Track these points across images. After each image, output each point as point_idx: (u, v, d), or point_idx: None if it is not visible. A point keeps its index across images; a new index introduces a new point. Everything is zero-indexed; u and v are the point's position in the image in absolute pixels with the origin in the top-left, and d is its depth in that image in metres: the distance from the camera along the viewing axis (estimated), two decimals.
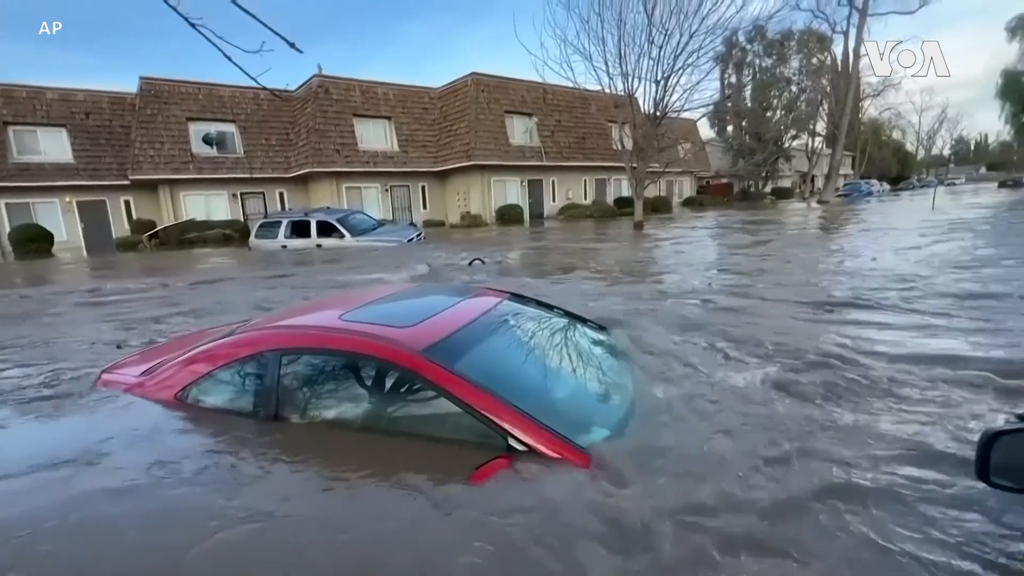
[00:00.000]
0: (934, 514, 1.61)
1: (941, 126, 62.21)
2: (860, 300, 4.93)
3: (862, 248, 9.45)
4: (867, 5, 29.37)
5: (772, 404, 2.45)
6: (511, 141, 23.82)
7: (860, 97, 40.19)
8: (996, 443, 1.22)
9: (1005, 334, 3.60)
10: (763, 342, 3.45)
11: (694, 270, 8.02)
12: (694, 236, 14.46)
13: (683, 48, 15.26)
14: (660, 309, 4.97)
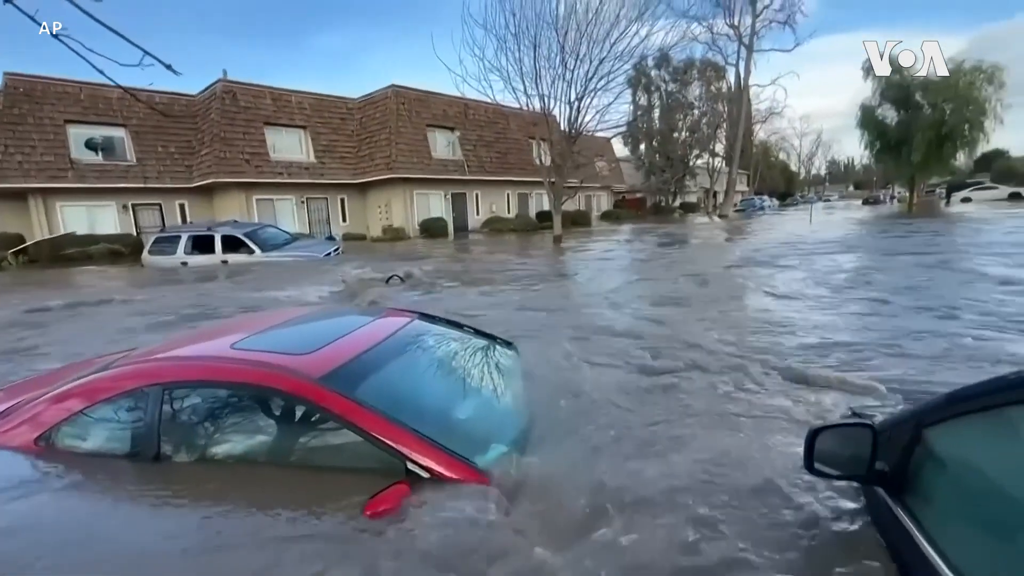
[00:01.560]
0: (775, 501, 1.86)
1: (817, 149, 70.93)
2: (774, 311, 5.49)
3: (760, 259, 10.50)
4: (752, 42, 32.92)
5: (660, 407, 2.68)
6: (433, 154, 23.77)
7: (752, 122, 44.79)
8: (818, 438, 1.44)
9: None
10: (664, 350, 3.75)
11: (606, 281, 8.48)
12: (609, 248, 15.26)
13: (595, 72, 16.18)
14: (567, 322, 5.22)
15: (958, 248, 10.85)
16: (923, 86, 28.49)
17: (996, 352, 3.76)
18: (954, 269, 7.84)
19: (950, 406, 1.27)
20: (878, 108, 30.27)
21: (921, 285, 6.69)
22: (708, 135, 39.64)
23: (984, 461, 1.18)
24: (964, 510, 1.17)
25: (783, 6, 32.51)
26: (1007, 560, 0.99)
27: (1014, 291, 5.86)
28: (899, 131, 29.24)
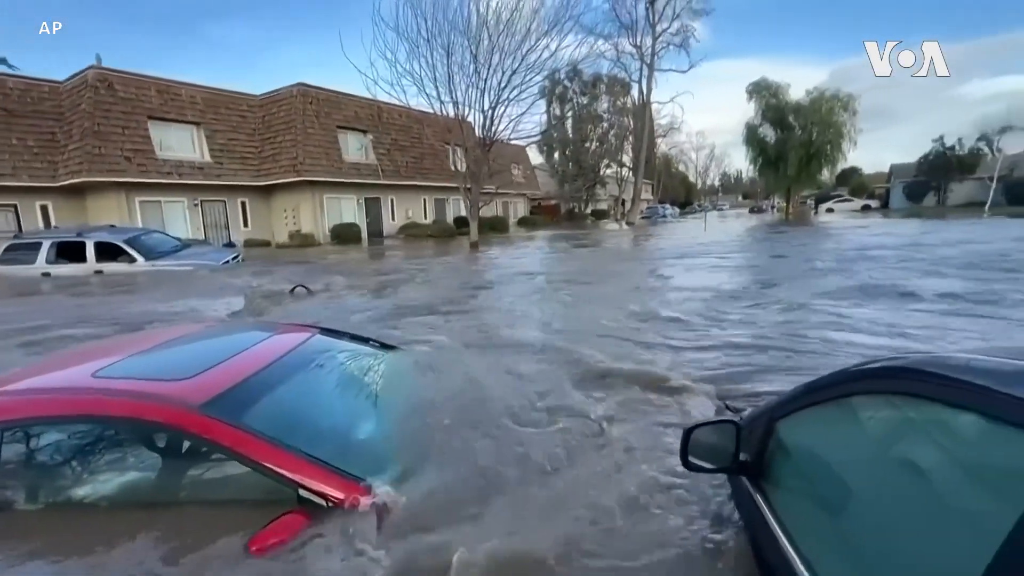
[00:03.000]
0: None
1: (712, 162, 78.02)
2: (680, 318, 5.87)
3: (667, 267, 11.26)
4: (653, 61, 35.50)
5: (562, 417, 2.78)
6: (345, 157, 22.84)
7: (654, 135, 48.15)
8: (692, 435, 1.57)
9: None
10: (569, 356, 3.89)
11: (519, 286, 8.66)
12: (525, 254, 15.60)
13: (507, 82, 16.51)
14: (478, 328, 5.26)
15: (823, 250, 12.46)
16: (795, 109, 32.45)
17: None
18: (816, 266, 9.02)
19: (796, 400, 1.45)
20: (760, 127, 33.98)
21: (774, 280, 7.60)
22: (616, 146, 42.05)
23: (818, 446, 1.36)
24: (802, 490, 1.35)
25: (679, 31, 35.45)
26: (835, 532, 1.15)
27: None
28: (777, 148, 33.00)
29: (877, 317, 5.47)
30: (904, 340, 4.62)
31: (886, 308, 5.89)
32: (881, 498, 1.03)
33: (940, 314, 5.55)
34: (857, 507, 1.09)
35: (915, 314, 5.60)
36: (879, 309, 5.85)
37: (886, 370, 1.12)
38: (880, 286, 7.13)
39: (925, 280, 7.52)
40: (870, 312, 5.72)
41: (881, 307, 5.94)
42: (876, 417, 1.15)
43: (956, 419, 0.89)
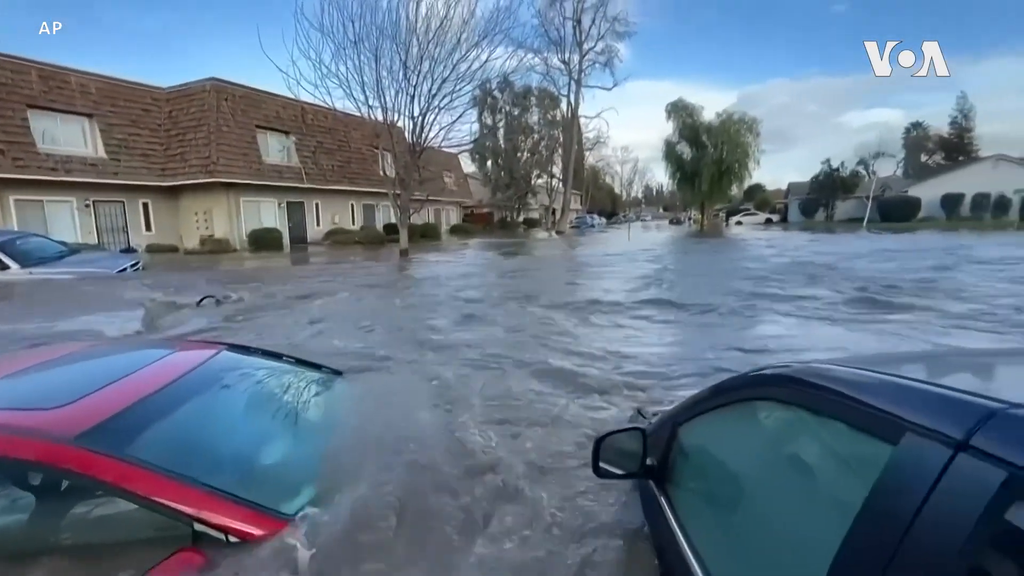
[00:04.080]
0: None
1: (635, 176, 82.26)
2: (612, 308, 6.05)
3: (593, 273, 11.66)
4: (580, 78, 36.96)
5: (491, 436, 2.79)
6: (265, 159, 21.57)
7: (583, 148, 50.00)
8: (603, 443, 1.63)
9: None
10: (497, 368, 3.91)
11: (447, 296, 8.59)
12: (456, 262, 15.53)
13: (438, 89, 16.44)
14: (402, 341, 5.16)
15: (734, 258, 13.54)
16: (708, 130, 35.09)
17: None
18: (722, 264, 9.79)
19: (695, 405, 1.56)
20: (677, 145, 36.35)
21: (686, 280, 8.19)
22: (546, 157, 43.20)
23: (710, 450, 1.47)
24: (697, 491, 1.45)
25: (603, 50, 37.21)
26: (723, 530, 1.24)
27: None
28: (693, 165, 35.44)
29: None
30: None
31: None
32: (758, 498, 1.14)
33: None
34: (740, 506, 1.20)
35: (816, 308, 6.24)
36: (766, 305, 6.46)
37: (766, 377, 1.24)
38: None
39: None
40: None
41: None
42: (757, 421, 1.26)
43: (820, 424, 1.00)
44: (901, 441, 0.74)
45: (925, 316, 6.16)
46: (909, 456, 0.73)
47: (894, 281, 8.84)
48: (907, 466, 0.72)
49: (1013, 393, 0.73)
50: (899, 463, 0.74)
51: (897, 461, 0.74)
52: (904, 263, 11.90)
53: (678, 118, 35.91)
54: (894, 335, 5.36)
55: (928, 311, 6.42)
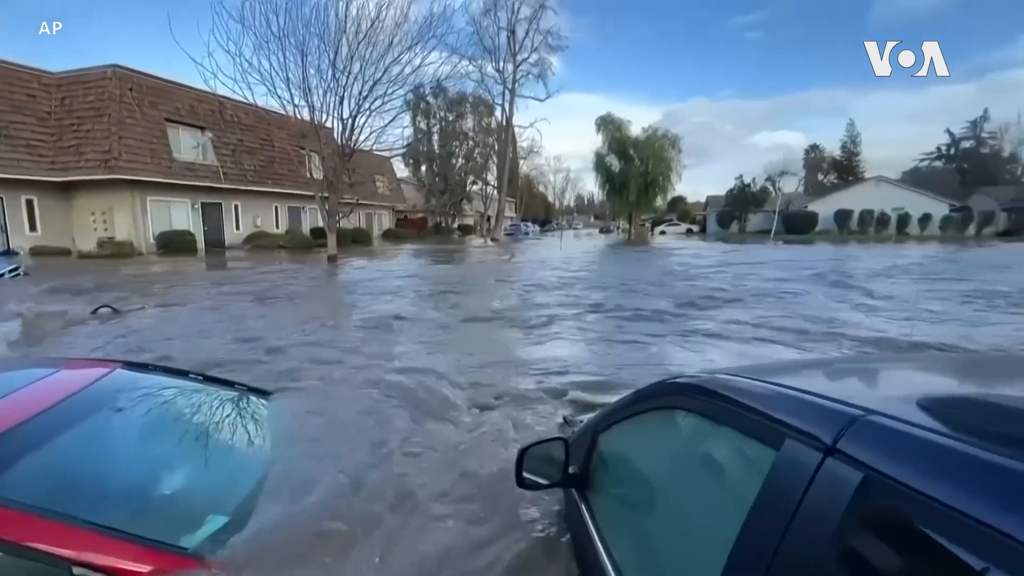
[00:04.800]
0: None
1: (568, 185, 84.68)
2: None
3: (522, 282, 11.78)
4: (514, 87, 37.58)
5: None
6: (176, 156, 19.90)
7: (517, 156, 50.77)
8: (526, 455, 1.64)
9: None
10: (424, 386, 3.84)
11: (376, 305, 8.36)
12: (387, 268, 15.14)
13: (369, 92, 16.03)
14: (324, 355, 4.94)
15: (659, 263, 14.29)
16: (635, 144, 36.94)
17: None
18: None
19: (613, 413, 1.61)
20: (607, 157, 37.95)
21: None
22: (481, 164, 43.38)
23: (624, 456, 1.53)
24: (613, 497, 1.50)
25: (537, 62, 38.08)
26: (636, 535, 1.30)
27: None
28: (621, 177, 37.11)
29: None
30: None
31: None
32: (666, 503, 1.20)
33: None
34: (650, 511, 1.26)
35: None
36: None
37: (673, 386, 1.31)
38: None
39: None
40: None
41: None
42: (666, 429, 1.33)
43: (719, 431, 1.07)
44: (783, 446, 0.81)
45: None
46: (789, 460, 0.79)
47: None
48: (787, 469, 0.78)
49: (873, 400, 0.81)
50: (781, 467, 0.80)
51: (779, 465, 0.80)
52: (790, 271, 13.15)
53: (607, 131, 37.51)
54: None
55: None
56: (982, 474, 0.58)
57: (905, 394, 0.81)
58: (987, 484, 0.56)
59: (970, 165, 47.60)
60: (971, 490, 0.56)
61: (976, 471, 0.58)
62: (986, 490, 0.55)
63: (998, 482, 0.55)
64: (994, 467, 0.57)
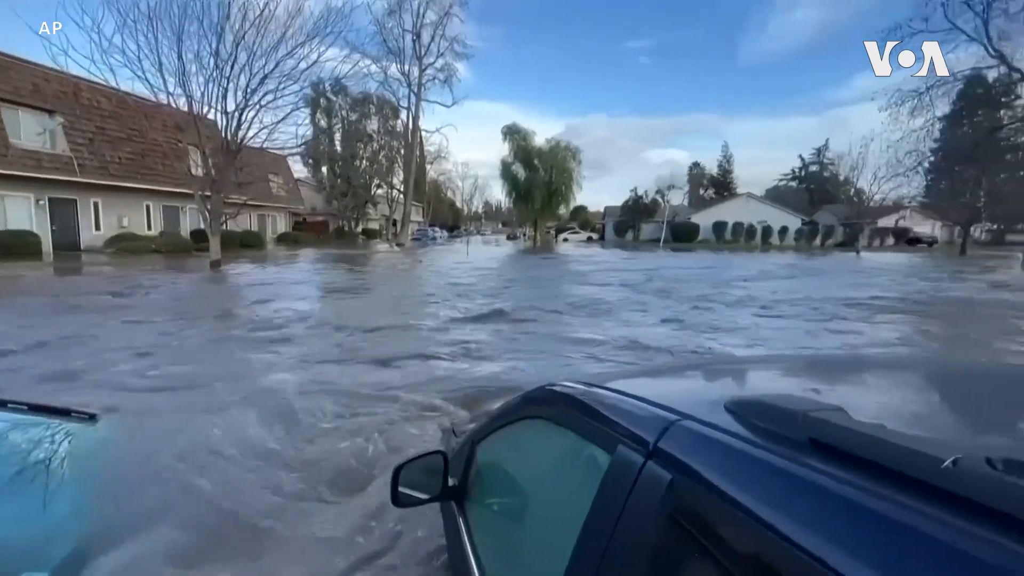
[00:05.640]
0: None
1: (476, 191, 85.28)
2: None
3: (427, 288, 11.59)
4: (420, 91, 37.17)
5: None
6: (14, 142, 16.89)
7: (424, 161, 50.10)
8: (402, 471, 1.61)
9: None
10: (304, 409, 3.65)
11: (260, 315, 7.79)
12: (278, 275, 14.11)
13: (258, 85, 14.90)
14: (191, 373, 4.52)
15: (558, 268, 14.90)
16: (539, 154, 38.18)
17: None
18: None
19: (490, 423, 1.66)
20: (513, 165, 38.78)
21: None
22: (386, 167, 42.18)
23: (497, 466, 1.58)
24: (486, 507, 1.55)
25: (443, 67, 37.99)
26: (505, 543, 1.35)
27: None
28: (526, 185, 38.13)
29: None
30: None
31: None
32: (527, 511, 1.27)
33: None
34: (515, 520, 1.32)
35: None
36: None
37: (534, 396, 1.38)
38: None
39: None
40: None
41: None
42: (530, 437, 1.41)
43: (569, 437, 1.13)
44: (616, 451, 0.86)
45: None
46: (620, 464, 0.84)
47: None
48: (618, 473, 0.83)
49: (690, 404, 0.89)
50: (613, 471, 0.85)
51: (612, 469, 0.86)
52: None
53: (513, 141, 38.38)
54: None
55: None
56: (761, 473, 0.62)
57: (717, 397, 0.86)
58: (763, 482, 0.61)
59: (816, 186, 55.79)
60: (750, 489, 0.61)
61: (755, 470, 0.63)
62: (762, 488, 0.60)
63: (770, 479, 0.60)
64: (769, 466, 0.62)
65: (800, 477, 0.59)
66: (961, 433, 0.86)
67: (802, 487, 0.58)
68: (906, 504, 0.49)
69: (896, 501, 0.50)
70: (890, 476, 0.52)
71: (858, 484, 0.54)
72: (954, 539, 0.45)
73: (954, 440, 0.79)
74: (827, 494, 0.55)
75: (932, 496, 0.48)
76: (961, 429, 0.89)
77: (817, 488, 0.56)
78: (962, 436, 0.84)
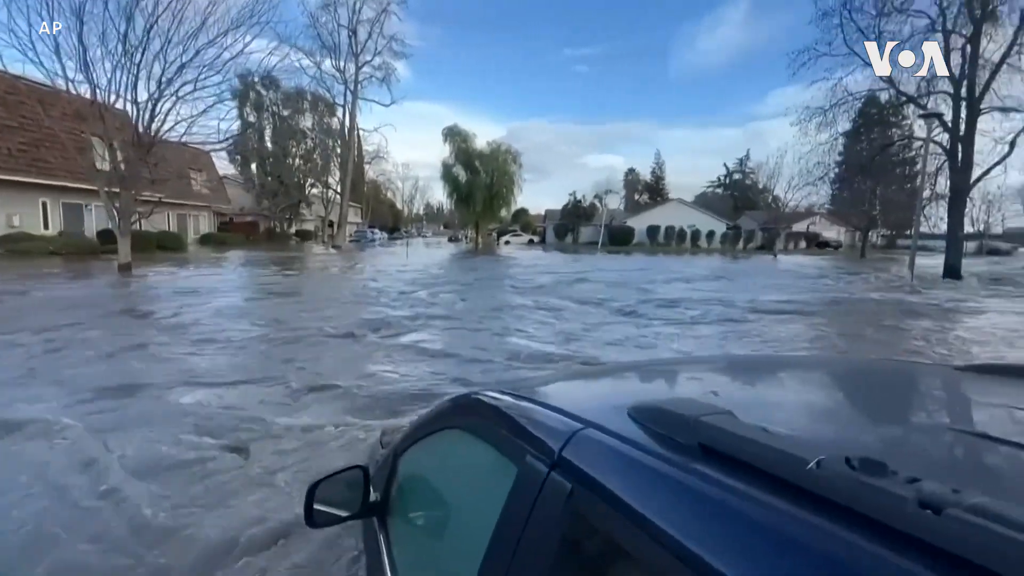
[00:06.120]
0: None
1: (417, 193, 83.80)
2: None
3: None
4: (357, 89, 36.08)
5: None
6: None
7: (362, 160, 48.57)
8: (318, 489, 1.50)
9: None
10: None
11: (174, 322, 7.23)
12: (197, 280, 13.10)
13: (176, 75, 13.81)
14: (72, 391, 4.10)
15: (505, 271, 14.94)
16: (480, 156, 38.17)
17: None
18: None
19: (411, 434, 1.60)
20: (454, 167, 38.50)
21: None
22: (322, 166, 40.48)
23: (418, 478, 1.53)
24: (407, 521, 1.50)
25: (381, 66, 37.08)
26: (422, 557, 1.31)
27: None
28: (468, 187, 37.99)
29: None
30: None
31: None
32: (444, 523, 1.24)
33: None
34: (432, 532, 1.29)
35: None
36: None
37: (451, 406, 1.35)
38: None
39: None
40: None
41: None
42: (448, 447, 1.37)
43: (483, 447, 1.09)
44: (523, 462, 0.85)
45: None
46: (525, 475, 0.83)
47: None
48: (524, 485, 0.82)
49: (596, 411, 0.88)
50: (520, 482, 0.84)
51: (519, 480, 0.84)
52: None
53: (454, 143, 38.13)
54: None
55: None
56: (653, 480, 0.62)
57: (622, 403, 0.85)
58: (655, 489, 0.62)
59: (739, 193, 59.85)
60: (642, 497, 0.61)
61: (648, 477, 0.63)
62: (653, 495, 0.61)
63: (662, 486, 0.61)
64: (660, 473, 0.63)
65: (687, 483, 0.59)
66: (843, 431, 0.88)
67: (689, 493, 0.58)
68: (776, 507, 0.50)
69: (767, 504, 0.51)
70: (765, 479, 0.53)
71: (738, 488, 0.55)
72: (812, 540, 0.46)
73: (835, 438, 0.81)
74: (711, 499, 0.56)
75: (799, 497, 0.49)
76: (845, 426, 0.92)
77: (703, 494, 0.57)
78: (843, 434, 0.86)
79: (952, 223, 19.88)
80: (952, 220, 19.88)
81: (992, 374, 1.16)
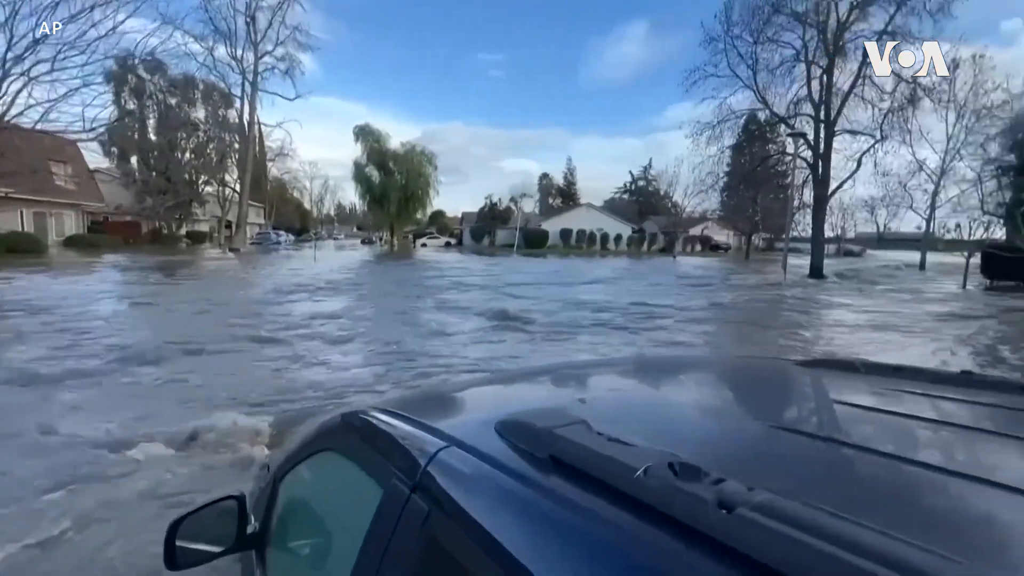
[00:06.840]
0: None
1: (327, 193, 79.55)
2: None
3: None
4: (257, 81, 33.59)
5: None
6: None
7: (265, 157, 45.18)
8: (180, 528, 1.32)
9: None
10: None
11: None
12: (51, 289, 11.36)
13: (27, 52, 11.96)
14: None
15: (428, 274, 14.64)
16: (394, 157, 37.22)
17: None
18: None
19: (291, 456, 1.48)
20: (366, 167, 37.18)
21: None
22: (217, 161, 36.99)
23: (299, 502, 1.43)
24: (287, 550, 1.39)
25: (284, 57, 34.82)
26: None
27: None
28: (381, 188, 36.88)
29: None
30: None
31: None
32: (317, 550, 1.18)
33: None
34: (310, 560, 1.21)
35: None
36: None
37: (327, 426, 1.27)
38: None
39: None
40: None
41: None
42: (327, 469, 1.29)
43: (354, 468, 1.03)
44: (388, 484, 0.82)
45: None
46: (389, 498, 0.80)
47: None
48: (387, 507, 0.79)
49: (462, 427, 0.87)
50: (383, 505, 0.81)
51: (383, 503, 0.81)
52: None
53: (366, 142, 36.82)
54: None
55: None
56: (506, 497, 0.61)
57: (490, 417, 0.83)
58: (508, 506, 0.59)
59: (643, 199, 63.98)
60: (496, 514, 0.59)
61: (502, 495, 0.61)
62: (506, 512, 0.59)
63: (514, 503, 0.59)
64: (512, 490, 0.61)
65: (532, 498, 0.59)
66: (685, 432, 0.91)
67: (536, 508, 0.58)
68: (608, 517, 0.51)
69: (603, 515, 0.52)
70: (603, 488, 0.54)
71: (580, 500, 0.55)
72: (633, 547, 0.47)
73: (676, 441, 0.79)
74: (557, 513, 0.56)
75: (628, 505, 0.50)
76: (689, 427, 0.95)
77: (550, 507, 0.57)
78: (683, 436, 0.87)
79: (815, 229, 22.93)
80: (815, 226, 22.93)
81: (826, 368, 1.31)
